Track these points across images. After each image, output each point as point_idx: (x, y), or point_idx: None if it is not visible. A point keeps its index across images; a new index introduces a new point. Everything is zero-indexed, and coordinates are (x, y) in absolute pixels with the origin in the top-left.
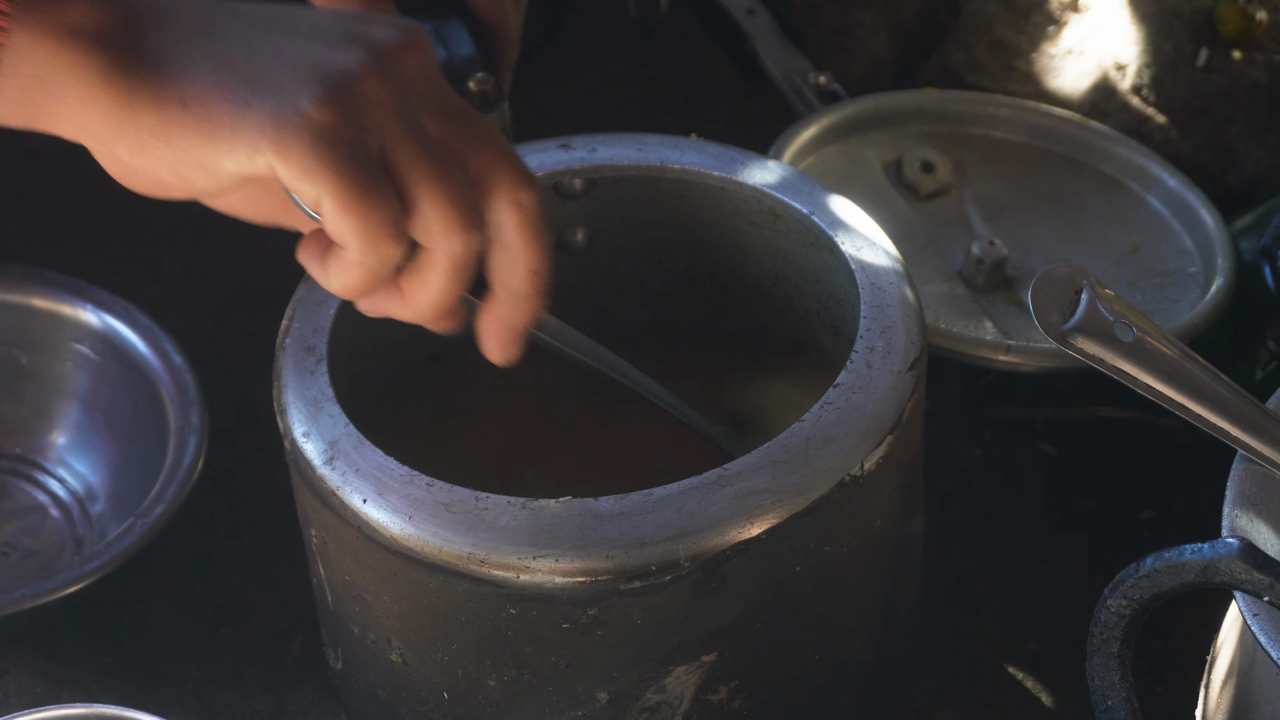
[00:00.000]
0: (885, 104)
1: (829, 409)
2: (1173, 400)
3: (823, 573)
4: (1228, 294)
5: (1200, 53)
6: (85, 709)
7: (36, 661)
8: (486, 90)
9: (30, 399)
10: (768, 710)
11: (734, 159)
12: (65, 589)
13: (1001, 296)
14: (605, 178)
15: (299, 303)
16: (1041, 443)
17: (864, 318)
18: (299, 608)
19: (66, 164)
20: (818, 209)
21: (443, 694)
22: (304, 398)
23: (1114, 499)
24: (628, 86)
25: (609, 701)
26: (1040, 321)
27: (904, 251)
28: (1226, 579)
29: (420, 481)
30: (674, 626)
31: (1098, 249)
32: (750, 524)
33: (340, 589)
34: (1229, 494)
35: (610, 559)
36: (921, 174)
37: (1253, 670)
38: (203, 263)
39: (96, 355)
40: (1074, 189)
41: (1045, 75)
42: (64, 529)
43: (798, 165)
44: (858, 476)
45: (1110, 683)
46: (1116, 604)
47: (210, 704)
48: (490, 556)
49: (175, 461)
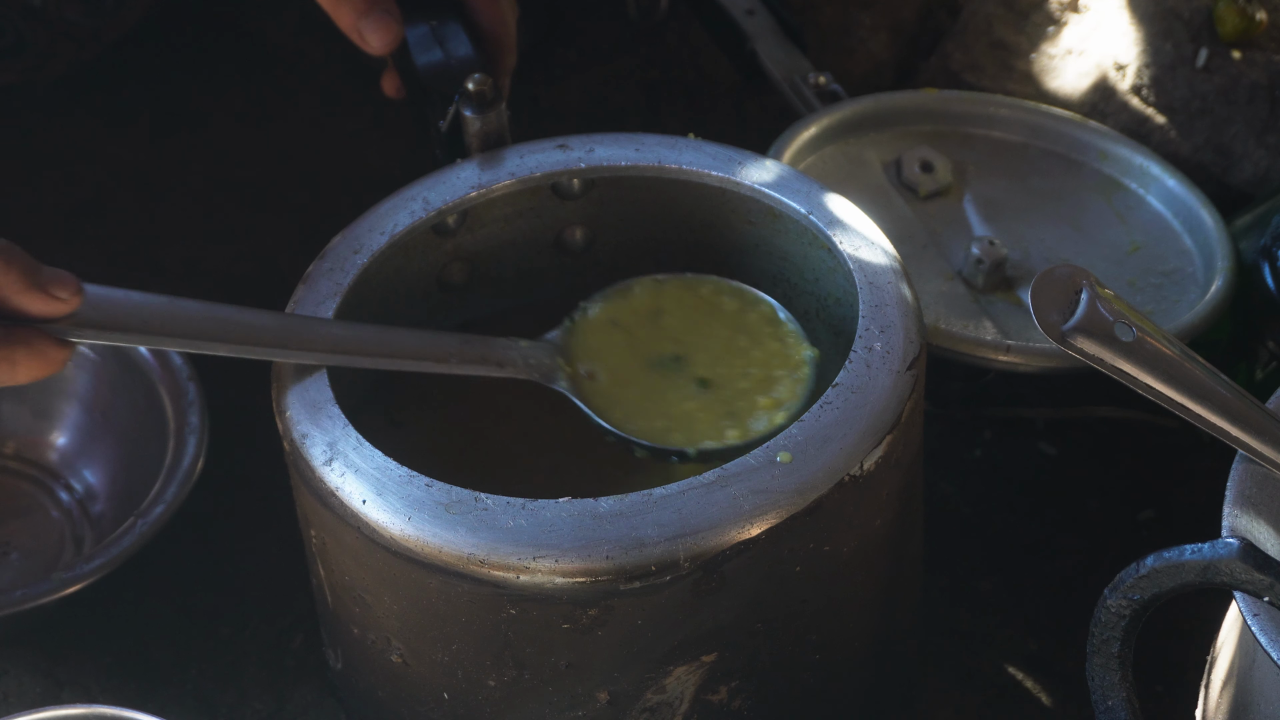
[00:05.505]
0: (885, 104)
1: (828, 409)
2: (1173, 400)
3: (823, 573)
4: (1228, 294)
5: (1200, 53)
6: (85, 709)
7: (36, 661)
8: (484, 91)
9: (30, 399)
10: (768, 710)
11: (732, 159)
12: (65, 589)
13: (1001, 296)
14: (603, 178)
15: (298, 303)
16: (1041, 443)
17: (863, 317)
18: (299, 608)
19: (68, 165)
20: (816, 209)
21: (443, 694)
22: (304, 399)
23: (1114, 499)
24: (628, 86)
25: (609, 702)
26: (1040, 321)
27: (904, 251)
28: (1226, 579)
29: (420, 482)
30: (674, 626)
31: (1098, 249)
32: (750, 524)
33: (340, 589)
34: (1229, 494)
35: (610, 559)
36: (921, 174)
37: (1253, 671)
38: (203, 263)
39: (96, 355)
40: (1074, 189)
41: (1045, 75)
42: (64, 529)
43: (798, 165)
44: (857, 476)
45: (1110, 683)
46: (1116, 604)
47: (210, 704)
48: (490, 557)
49: (175, 461)
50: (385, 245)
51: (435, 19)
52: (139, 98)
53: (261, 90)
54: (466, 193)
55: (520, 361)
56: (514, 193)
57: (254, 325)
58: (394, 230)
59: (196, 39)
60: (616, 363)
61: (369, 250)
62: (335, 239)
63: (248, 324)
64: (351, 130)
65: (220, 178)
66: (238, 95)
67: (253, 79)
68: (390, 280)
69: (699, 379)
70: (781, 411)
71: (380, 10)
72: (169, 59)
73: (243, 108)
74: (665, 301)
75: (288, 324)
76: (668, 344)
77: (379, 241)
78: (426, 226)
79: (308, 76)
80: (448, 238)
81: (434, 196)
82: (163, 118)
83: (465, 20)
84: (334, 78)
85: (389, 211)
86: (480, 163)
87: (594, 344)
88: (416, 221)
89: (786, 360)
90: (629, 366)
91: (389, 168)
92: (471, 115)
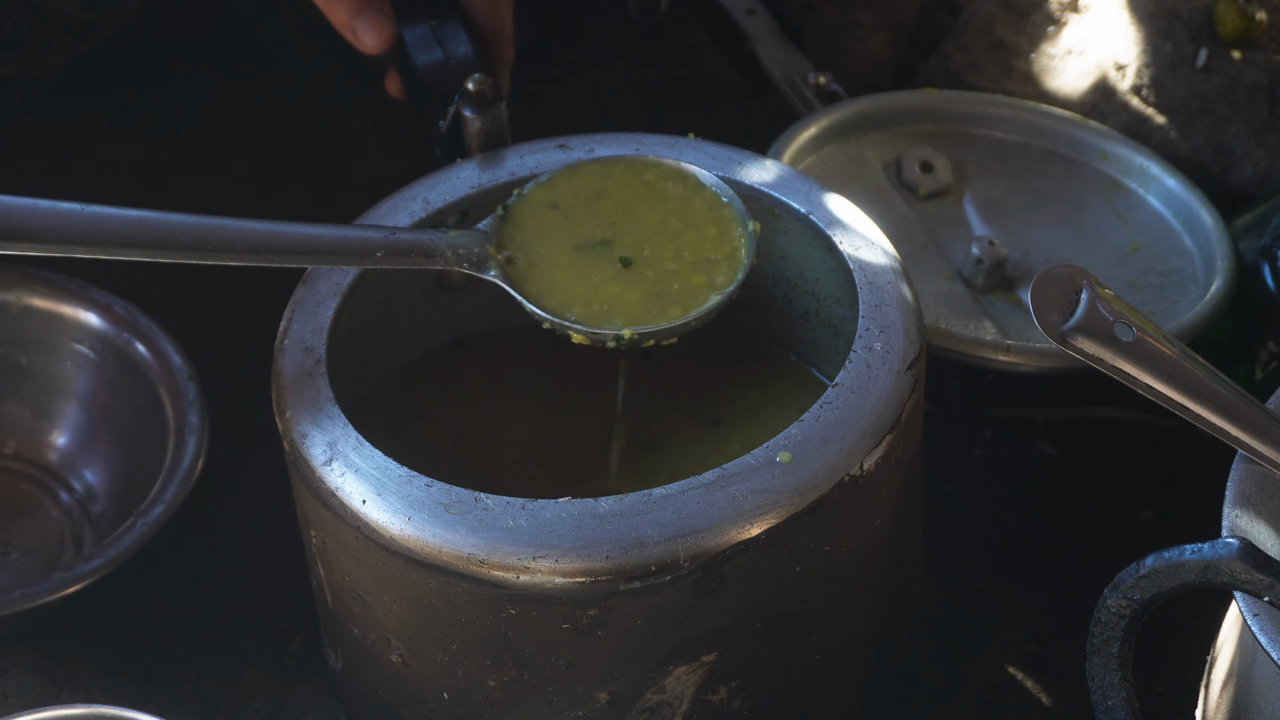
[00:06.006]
0: (885, 104)
1: (828, 409)
2: (1173, 400)
3: (823, 573)
4: (1228, 294)
5: (1200, 53)
6: (85, 709)
7: (36, 661)
8: (484, 91)
9: (30, 399)
10: (768, 710)
11: (732, 159)
12: (65, 589)
13: (1001, 296)
14: None
15: (298, 303)
16: (1041, 443)
17: (862, 317)
18: (299, 608)
19: (67, 164)
20: (816, 208)
21: (443, 694)
22: (303, 399)
23: (1114, 499)
24: (628, 86)
25: (609, 702)
26: (1040, 321)
27: (904, 251)
28: (1226, 579)
29: (420, 482)
30: (674, 626)
31: (1098, 249)
32: (750, 524)
33: (340, 589)
34: (1229, 494)
35: (610, 559)
36: (921, 174)
37: (1253, 671)
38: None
39: (96, 355)
40: (1074, 189)
41: (1045, 75)
42: (64, 529)
43: (798, 165)
44: (857, 476)
45: (1110, 683)
46: (1116, 604)
47: (210, 704)
48: (490, 557)
49: (175, 461)
50: None
51: (433, 18)
52: (139, 97)
53: (261, 90)
54: (466, 193)
55: (449, 251)
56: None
57: (168, 227)
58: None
59: (197, 38)
60: (547, 248)
61: None
62: None
63: (161, 226)
64: (351, 130)
65: (220, 177)
66: (238, 95)
67: (253, 78)
68: (390, 280)
69: (622, 259)
70: (716, 293)
71: (374, 9)
72: (169, 58)
73: (243, 107)
74: (610, 185)
75: (203, 225)
76: (601, 228)
77: None
78: (426, 226)
79: (308, 76)
80: None
81: (434, 196)
82: (163, 117)
83: (462, 17)
84: (334, 78)
85: (389, 211)
86: (480, 163)
87: (528, 227)
88: (416, 221)
89: (722, 244)
90: (559, 251)
91: (389, 168)
92: (471, 115)
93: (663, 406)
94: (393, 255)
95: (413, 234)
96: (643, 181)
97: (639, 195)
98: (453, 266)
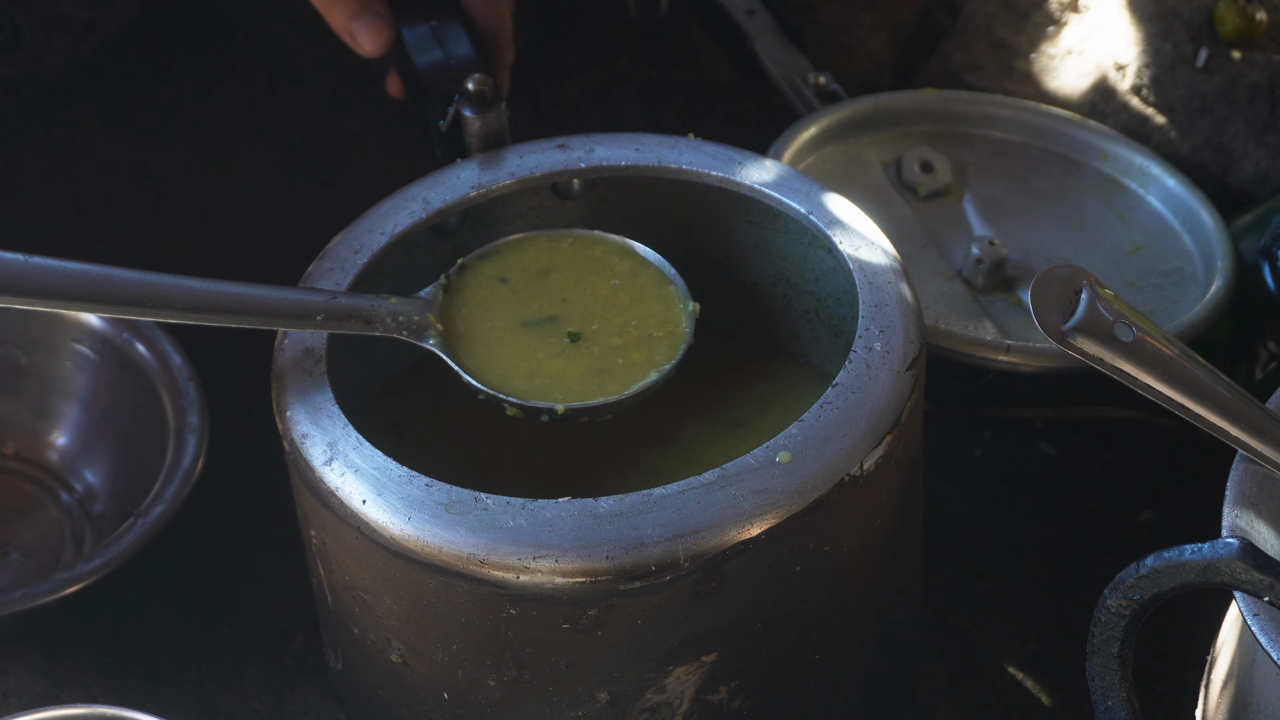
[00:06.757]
0: (885, 104)
1: (828, 409)
2: (1173, 400)
3: (823, 573)
4: (1228, 294)
5: (1200, 53)
6: (85, 709)
7: (36, 661)
8: (484, 91)
9: (30, 399)
10: (768, 710)
11: (732, 159)
12: (65, 589)
13: (1001, 296)
14: (603, 178)
15: None
16: (1041, 443)
17: (862, 317)
18: (299, 608)
19: (66, 164)
20: (816, 208)
21: (443, 694)
22: (303, 398)
23: (1114, 499)
24: (628, 86)
25: (609, 702)
26: (1040, 321)
27: (904, 251)
28: (1226, 579)
29: (420, 482)
30: (674, 626)
31: (1098, 249)
32: (750, 524)
33: (340, 589)
34: (1229, 494)
35: (610, 559)
36: (921, 174)
37: (1253, 671)
38: (201, 263)
39: (96, 355)
40: (1074, 189)
41: (1045, 75)
42: (64, 529)
43: (798, 165)
44: (857, 476)
45: (1110, 683)
46: (1116, 604)
47: (210, 704)
48: (490, 557)
49: (175, 461)
50: (385, 245)
51: (432, 18)
52: (138, 97)
53: (261, 89)
54: (466, 193)
55: (389, 318)
56: (514, 193)
57: (109, 282)
58: (394, 230)
59: (196, 38)
60: (493, 321)
61: (369, 250)
62: (335, 239)
63: (102, 280)
64: (351, 130)
65: (219, 177)
66: (237, 94)
67: (252, 78)
68: (390, 280)
69: (570, 334)
70: (655, 370)
71: (372, 13)
72: (168, 58)
73: (242, 107)
74: (558, 259)
75: (142, 281)
76: (550, 304)
77: (379, 241)
78: (426, 226)
79: (308, 76)
80: (448, 238)
81: (434, 196)
82: (162, 117)
83: (462, 17)
84: (334, 78)
85: (389, 211)
86: (480, 163)
87: (475, 300)
88: (416, 221)
89: (665, 321)
90: (505, 325)
91: (389, 168)
92: (471, 115)
93: (662, 406)
94: (332, 320)
95: (353, 299)
96: (590, 256)
97: (588, 270)
98: (392, 334)
